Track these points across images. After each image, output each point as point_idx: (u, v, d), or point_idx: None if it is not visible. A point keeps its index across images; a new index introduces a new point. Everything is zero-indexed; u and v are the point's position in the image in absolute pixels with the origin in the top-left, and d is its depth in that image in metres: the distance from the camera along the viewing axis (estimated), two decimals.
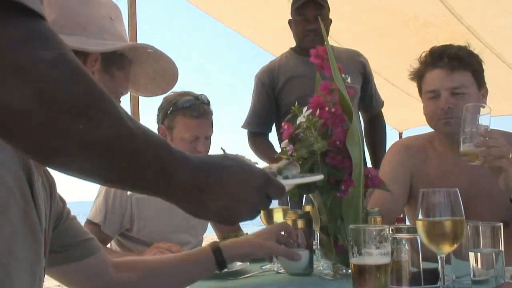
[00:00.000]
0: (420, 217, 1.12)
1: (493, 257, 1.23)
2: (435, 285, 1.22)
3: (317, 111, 1.44)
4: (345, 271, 1.43)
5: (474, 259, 1.25)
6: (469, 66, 1.80)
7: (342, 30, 4.33)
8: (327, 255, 1.49)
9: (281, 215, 1.65)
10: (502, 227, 1.24)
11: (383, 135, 3.04)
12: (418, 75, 1.89)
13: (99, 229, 2.09)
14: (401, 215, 2.10)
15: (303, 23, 2.70)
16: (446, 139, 1.89)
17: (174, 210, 1.97)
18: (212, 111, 2.19)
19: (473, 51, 1.85)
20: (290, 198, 1.70)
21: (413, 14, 4.11)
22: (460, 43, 1.89)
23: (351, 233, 1.09)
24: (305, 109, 1.47)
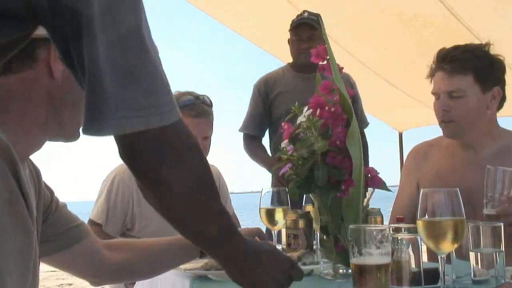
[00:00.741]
0: (420, 217, 1.12)
1: (494, 257, 1.23)
2: (436, 285, 1.22)
3: (317, 111, 1.44)
4: (345, 271, 1.43)
5: (474, 259, 1.25)
6: (470, 69, 1.80)
7: (342, 30, 4.34)
8: (327, 255, 1.49)
9: (281, 215, 1.65)
10: (502, 227, 1.24)
11: (366, 153, 3.30)
12: (430, 75, 1.91)
13: (101, 229, 2.09)
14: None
15: (297, 42, 3.00)
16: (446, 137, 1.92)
17: None
18: (212, 112, 2.19)
19: (486, 51, 1.84)
20: (290, 198, 1.70)
21: (413, 14, 4.11)
22: (460, 43, 1.90)
23: (351, 233, 1.09)
24: (305, 109, 1.47)
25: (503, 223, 1.41)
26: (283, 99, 3.01)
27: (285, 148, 1.47)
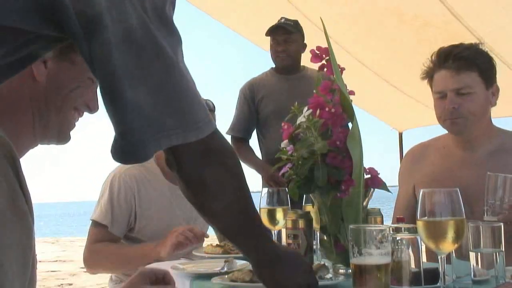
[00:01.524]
0: (420, 217, 1.12)
1: (494, 257, 1.23)
2: (436, 285, 1.22)
3: (317, 111, 1.44)
4: (345, 271, 1.43)
5: (474, 259, 1.25)
6: (475, 66, 1.81)
7: (342, 30, 4.34)
8: (327, 255, 1.49)
9: (281, 215, 1.65)
10: (502, 226, 1.24)
11: None
12: (428, 75, 1.92)
13: (107, 230, 2.08)
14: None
15: (274, 46, 3.20)
16: (453, 136, 1.92)
17: (174, 210, 2.02)
18: (215, 117, 2.20)
19: (483, 49, 1.86)
20: (290, 198, 1.70)
21: (413, 14, 4.11)
22: (459, 43, 1.91)
23: (351, 233, 1.09)
24: (305, 109, 1.47)
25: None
26: (268, 101, 3.21)
27: (285, 148, 1.47)
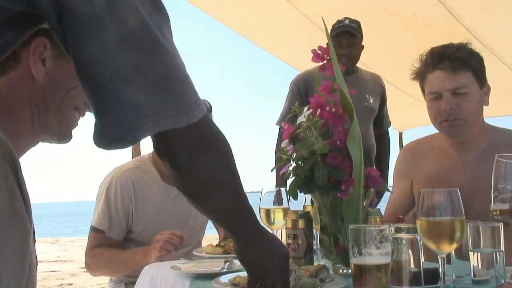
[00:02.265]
0: (420, 217, 1.12)
1: (494, 257, 1.23)
2: (436, 285, 1.22)
3: (318, 111, 1.44)
4: (345, 271, 1.43)
5: (474, 259, 1.24)
6: (470, 66, 1.81)
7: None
8: (327, 255, 1.49)
9: (281, 215, 1.65)
10: (502, 226, 1.24)
11: (388, 151, 3.58)
12: (420, 76, 1.90)
13: (105, 235, 2.09)
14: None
15: (337, 48, 3.08)
16: (449, 137, 1.91)
17: (172, 212, 2.02)
18: (212, 117, 2.19)
19: (473, 49, 1.86)
20: (290, 198, 1.70)
21: (413, 14, 4.11)
22: (449, 43, 1.90)
23: (351, 233, 1.09)
24: (306, 109, 1.47)
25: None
26: None
27: (285, 148, 1.47)
